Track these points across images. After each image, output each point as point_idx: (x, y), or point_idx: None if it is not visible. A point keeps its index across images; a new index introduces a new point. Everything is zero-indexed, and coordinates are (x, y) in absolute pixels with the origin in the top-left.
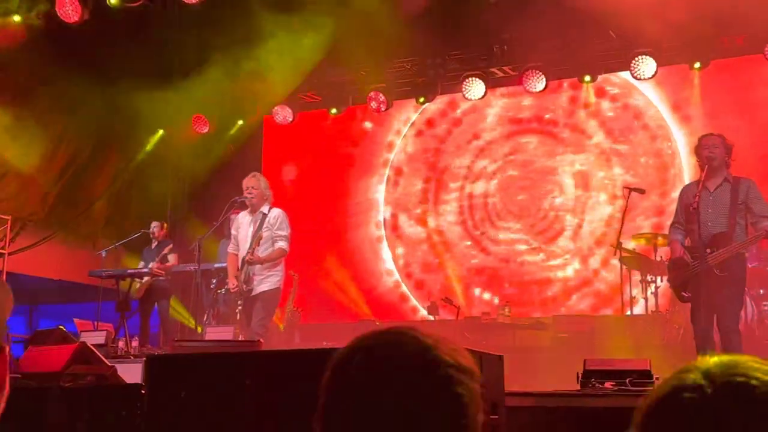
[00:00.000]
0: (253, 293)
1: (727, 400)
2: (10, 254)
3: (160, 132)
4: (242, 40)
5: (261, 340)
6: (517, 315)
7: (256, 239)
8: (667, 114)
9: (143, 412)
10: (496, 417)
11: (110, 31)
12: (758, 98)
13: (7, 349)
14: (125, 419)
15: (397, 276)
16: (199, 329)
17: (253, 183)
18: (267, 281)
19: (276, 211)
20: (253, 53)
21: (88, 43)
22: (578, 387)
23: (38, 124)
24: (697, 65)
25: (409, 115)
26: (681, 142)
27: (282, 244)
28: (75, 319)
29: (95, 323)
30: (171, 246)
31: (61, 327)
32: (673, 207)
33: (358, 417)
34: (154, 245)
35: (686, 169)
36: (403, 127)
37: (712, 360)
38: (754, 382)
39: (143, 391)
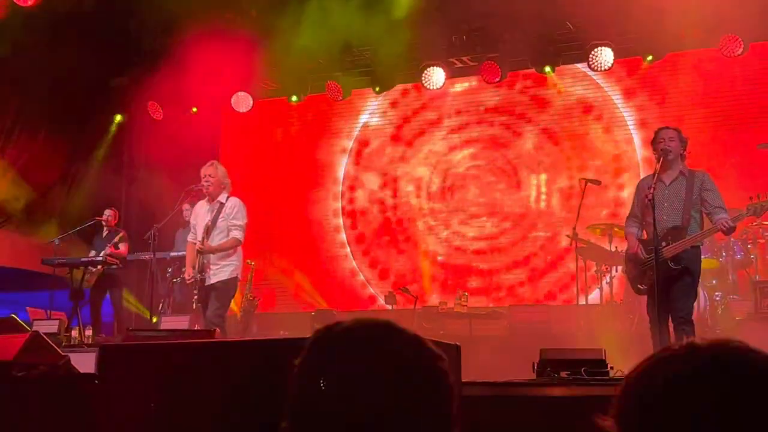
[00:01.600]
0: (209, 283)
1: (717, 373)
2: None
3: (118, 117)
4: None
5: (217, 329)
6: (474, 304)
7: (206, 229)
8: (623, 105)
9: (96, 403)
10: None
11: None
12: (712, 91)
13: None
14: (78, 410)
15: (354, 264)
16: (154, 319)
17: (211, 171)
18: (222, 271)
19: (233, 201)
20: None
21: (42, 25)
22: (534, 376)
23: None
24: (649, 58)
25: (370, 101)
26: (636, 134)
27: (236, 234)
28: (28, 308)
29: (48, 312)
30: (122, 234)
31: (13, 315)
32: (629, 198)
33: (340, 409)
34: (105, 233)
35: (641, 161)
36: (364, 113)
37: (698, 340)
38: (743, 356)
39: (96, 381)
